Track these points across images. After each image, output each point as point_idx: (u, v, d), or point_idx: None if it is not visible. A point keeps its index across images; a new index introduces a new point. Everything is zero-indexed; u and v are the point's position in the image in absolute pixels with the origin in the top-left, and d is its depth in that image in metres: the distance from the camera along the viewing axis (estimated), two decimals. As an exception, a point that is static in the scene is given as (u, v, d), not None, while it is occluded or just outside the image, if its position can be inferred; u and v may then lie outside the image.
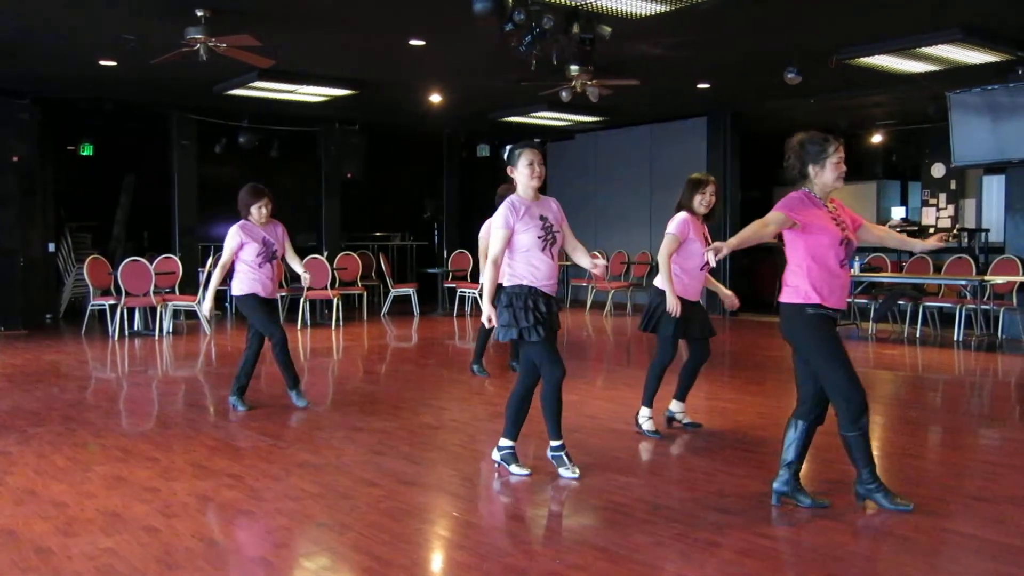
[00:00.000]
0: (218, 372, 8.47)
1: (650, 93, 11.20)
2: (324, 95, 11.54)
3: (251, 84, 10.52)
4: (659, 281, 5.53)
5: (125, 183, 15.33)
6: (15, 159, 11.30)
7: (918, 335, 10.58)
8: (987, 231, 12.56)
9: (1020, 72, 9.68)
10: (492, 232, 4.70)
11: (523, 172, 4.67)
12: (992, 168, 12.61)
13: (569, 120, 14.03)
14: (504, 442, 4.82)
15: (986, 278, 10.03)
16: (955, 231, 13.75)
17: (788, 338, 4.15)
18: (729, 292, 5.81)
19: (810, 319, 4.01)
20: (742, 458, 5.10)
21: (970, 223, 14.45)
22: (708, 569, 3.49)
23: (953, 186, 15.26)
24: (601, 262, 4.87)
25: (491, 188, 8.13)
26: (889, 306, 10.83)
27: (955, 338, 10.13)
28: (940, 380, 8.18)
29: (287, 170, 15.40)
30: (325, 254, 12.90)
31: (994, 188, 13.61)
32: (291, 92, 11.25)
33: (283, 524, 3.98)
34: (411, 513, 4.18)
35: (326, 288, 11.88)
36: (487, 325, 4.68)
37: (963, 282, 10.22)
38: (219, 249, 14.17)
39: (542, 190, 4.81)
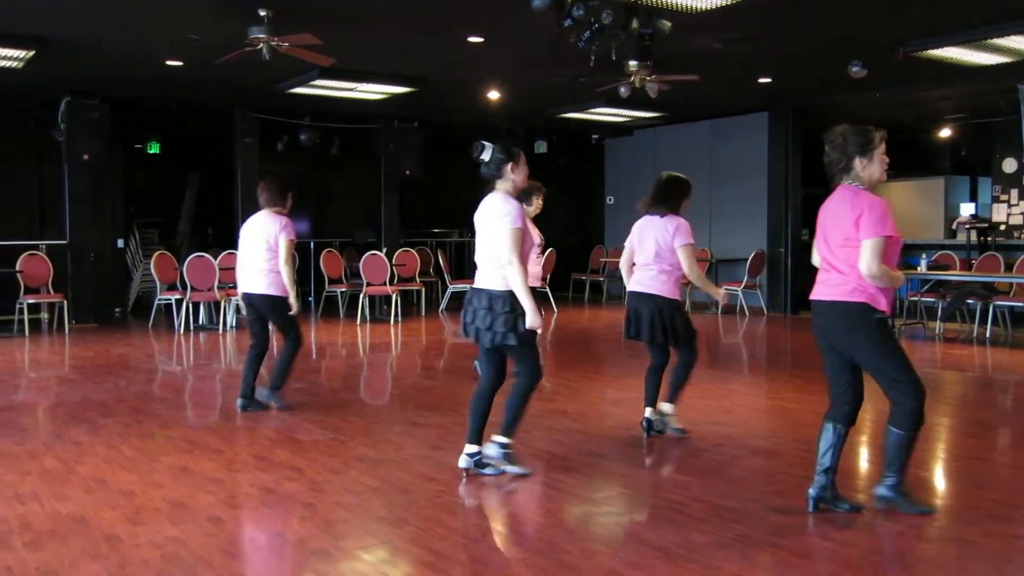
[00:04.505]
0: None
1: (710, 88, 11.06)
2: (383, 93, 11.63)
3: (312, 82, 10.65)
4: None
5: (190, 180, 15.72)
6: (86, 157, 11.64)
7: (988, 335, 10.28)
8: (1061, 228, 12.16)
9: (1097, 63, 9.35)
10: (513, 232, 4.33)
11: (523, 172, 4.57)
12: (1067, 163, 12.20)
13: (627, 116, 13.92)
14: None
15: (1060, 276, 9.71)
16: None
17: (843, 338, 3.91)
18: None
19: (878, 323, 3.82)
20: (802, 458, 5.01)
21: (1043, 219, 13.98)
22: (768, 571, 3.44)
23: (1025, 181, 14.79)
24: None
25: (548, 184, 8.11)
26: (957, 305, 10.52)
27: (1027, 338, 9.84)
28: (1011, 382, 7.93)
29: (347, 167, 15.61)
30: (384, 251, 13.02)
31: (1068, 183, 13.17)
32: (351, 90, 11.37)
33: (343, 517, 4.03)
34: (468, 508, 4.20)
35: (385, 284, 12.01)
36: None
37: (1036, 280, 9.92)
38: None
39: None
